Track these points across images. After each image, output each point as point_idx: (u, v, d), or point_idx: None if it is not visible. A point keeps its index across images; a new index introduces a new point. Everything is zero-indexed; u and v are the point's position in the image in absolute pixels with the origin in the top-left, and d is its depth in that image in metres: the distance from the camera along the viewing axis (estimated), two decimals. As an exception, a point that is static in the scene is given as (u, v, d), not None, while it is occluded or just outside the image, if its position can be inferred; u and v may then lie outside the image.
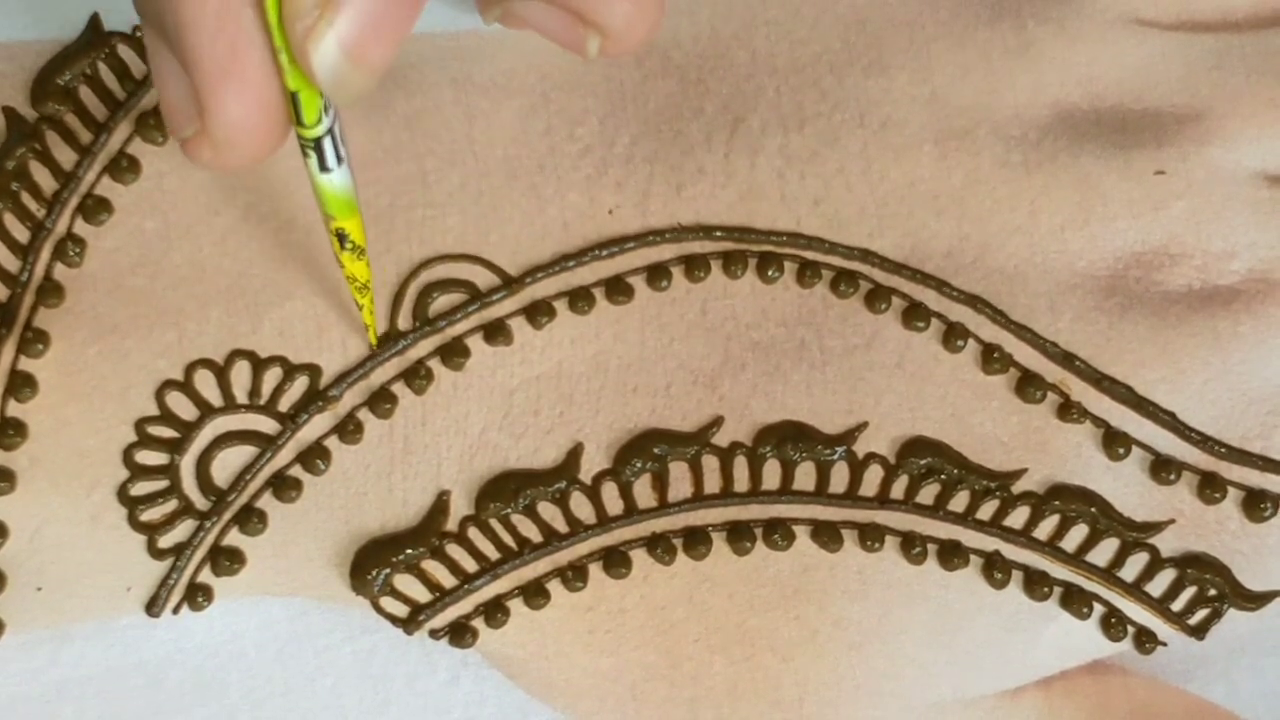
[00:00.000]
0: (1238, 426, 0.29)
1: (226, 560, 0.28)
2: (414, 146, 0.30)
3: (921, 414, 0.29)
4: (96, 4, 0.30)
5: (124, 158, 0.29)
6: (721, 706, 0.28)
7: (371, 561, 0.28)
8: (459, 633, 0.28)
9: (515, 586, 0.28)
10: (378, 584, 0.28)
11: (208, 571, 0.28)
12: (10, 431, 0.28)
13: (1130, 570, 0.28)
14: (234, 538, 0.28)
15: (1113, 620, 0.28)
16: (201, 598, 0.28)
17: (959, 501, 0.28)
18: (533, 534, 0.28)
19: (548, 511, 0.28)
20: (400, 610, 0.28)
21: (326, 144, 0.23)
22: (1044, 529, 0.28)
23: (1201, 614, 0.28)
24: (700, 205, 0.30)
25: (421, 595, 0.28)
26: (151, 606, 0.28)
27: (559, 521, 0.28)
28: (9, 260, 0.29)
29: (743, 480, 0.28)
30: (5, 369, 0.28)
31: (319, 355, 0.29)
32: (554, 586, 0.28)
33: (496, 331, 0.29)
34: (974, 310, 0.29)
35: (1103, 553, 0.28)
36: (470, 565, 0.28)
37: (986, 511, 0.28)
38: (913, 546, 0.28)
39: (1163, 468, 0.28)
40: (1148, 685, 0.29)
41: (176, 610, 0.28)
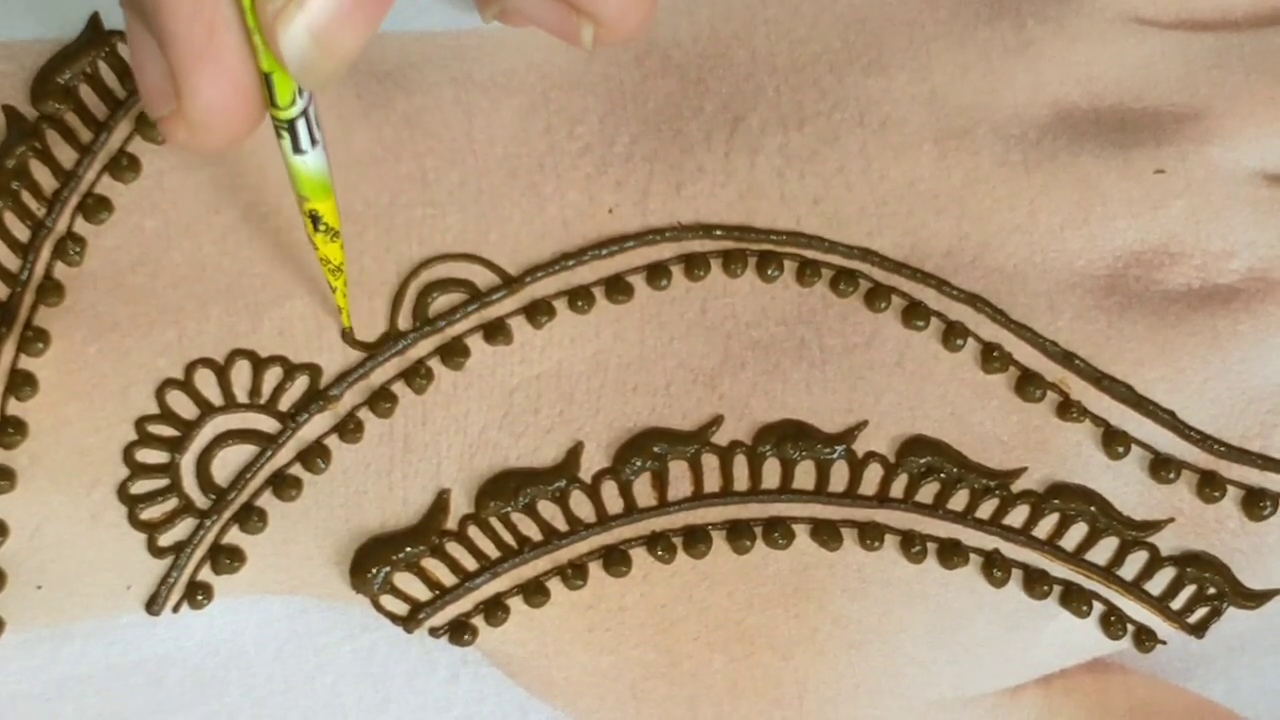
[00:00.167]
0: (1237, 425, 0.29)
1: (226, 559, 0.28)
2: (414, 145, 0.30)
3: (921, 413, 0.29)
4: (96, 3, 0.30)
5: (124, 156, 0.29)
6: (721, 704, 0.28)
7: (371, 560, 0.28)
8: (459, 631, 0.28)
9: (515, 585, 0.28)
10: (378, 582, 0.28)
11: (208, 570, 0.28)
12: (10, 430, 0.28)
13: (1130, 569, 0.28)
14: (234, 536, 0.28)
15: (1112, 619, 0.28)
16: (201, 596, 0.28)
17: (959, 500, 0.28)
18: (533, 532, 0.28)
19: (548, 510, 0.28)
20: (400, 608, 0.28)
21: (300, 126, 0.24)
22: (1043, 528, 0.28)
23: (1201, 612, 0.28)
24: (700, 204, 0.30)
25: (421, 593, 0.28)
26: (152, 605, 0.28)
27: (559, 520, 0.28)
28: (9, 259, 0.29)
29: (742, 479, 0.28)
30: (5, 367, 0.28)
31: (319, 355, 0.29)
32: (554, 585, 0.28)
33: (496, 331, 0.29)
34: (974, 309, 0.29)
35: (1102, 551, 0.28)
36: (470, 563, 0.28)
37: (986, 510, 0.28)
38: (912, 545, 0.28)
39: (1162, 466, 0.28)
40: (1147, 683, 0.29)
41: (177, 608, 0.28)
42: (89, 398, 0.28)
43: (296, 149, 0.24)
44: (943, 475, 0.28)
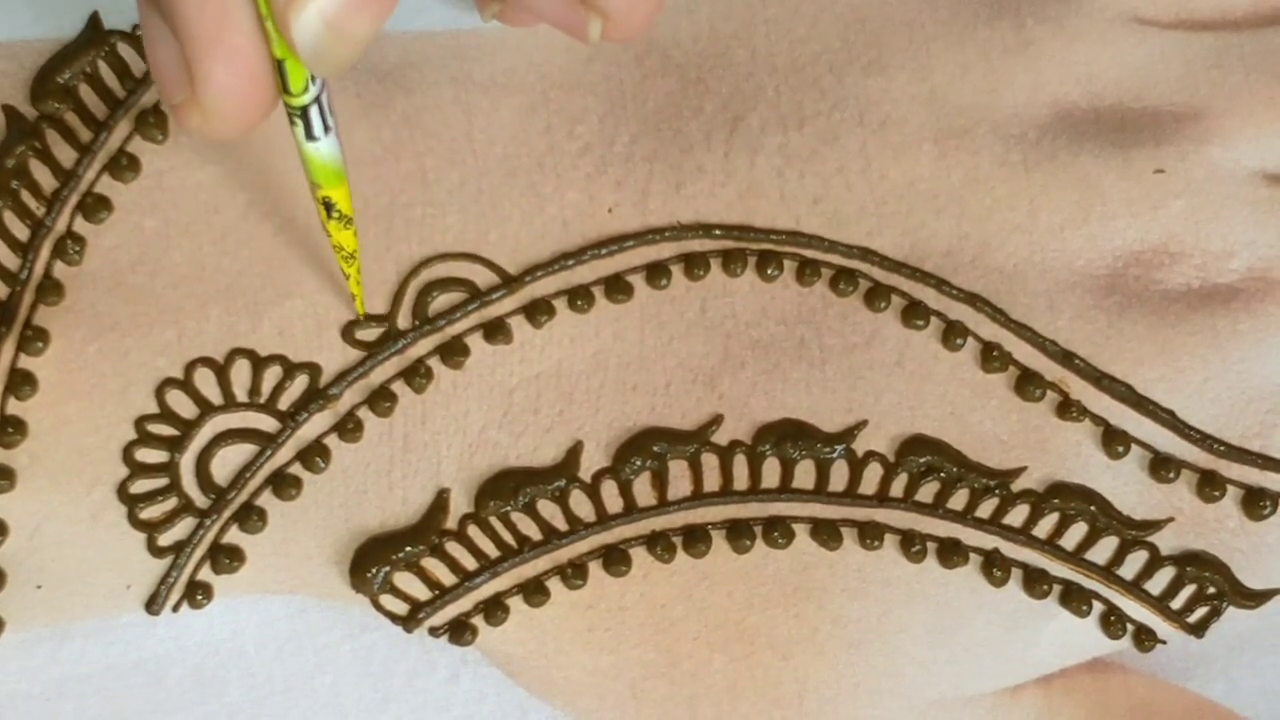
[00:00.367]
0: (1237, 424, 0.29)
1: (226, 558, 0.28)
2: (413, 145, 0.30)
3: (921, 412, 0.29)
4: (96, 2, 0.30)
5: (124, 156, 0.29)
6: (721, 704, 0.28)
7: (371, 559, 0.28)
8: (459, 630, 0.28)
9: (515, 584, 0.28)
10: (377, 582, 0.28)
11: (207, 569, 0.28)
12: (10, 429, 0.28)
13: (1129, 568, 0.28)
14: (234, 535, 0.28)
15: (1112, 618, 0.28)
16: (201, 595, 0.28)
17: (958, 500, 0.28)
18: (532, 532, 0.28)
19: (547, 509, 0.28)
20: (400, 608, 0.28)
21: (313, 112, 0.24)
22: (1043, 527, 0.28)
23: (1201, 612, 0.28)
24: (700, 204, 0.30)
25: (421, 593, 0.28)
26: (151, 604, 0.28)
27: (559, 519, 0.28)
28: (9, 258, 0.29)
29: (742, 478, 0.28)
30: (5, 367, 0.28)
31: (319, 354, 0.29)
32: (554, 584, 0.28)
33: (496, 330, 0.29)
34: (973, 309, 0.29)
35: (1102, 551, 0.28)
36: (470, 563, 0.28)
37: (986, 509, 0.28)
38: (912, 544, 0.28)
39: (1162, 466, 0.28)
40: (1147, 683, 0.29)
41: (176, 608, 0.28)
42: (89, 397, 0.28)
43: (310, 136, 0.24)
44: (942, 475, 0.28)
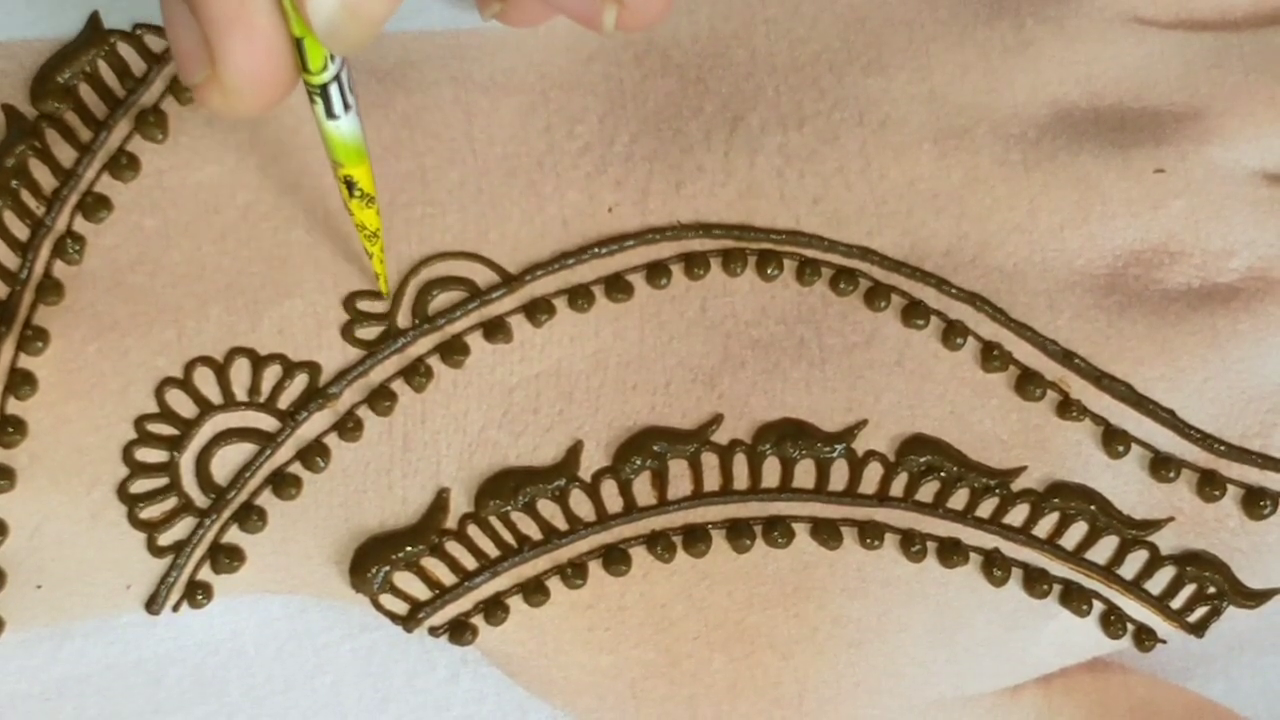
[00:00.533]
0: (1237, 424, 0.29)
1: (226, 558, 0.28)
2: (413, 144, 0.30)
3: (921, 411, 0.29)
4: (96, 2, 0.30)
5: (124, 155, 0.29)
6: (721, 704, 0.28)
7: (371, 559, 0.28)
8: (458, 630, 0.28)
9: (515, 584, 0.28)
10: (377, 581, 0.28)
11: (207, 569, 0.28)
12: (10, 429, 0.28)
13: (1130, 568, 0.28)
14: (234, 535, 0.28)
15: (1112, 618, 0.28)
16: (201, 595, 0.28)
17: (958, 499, 0.28)
18: (532, 531, 0.28)
19: (547, 509, 0.28)
20: (400, 608, 0.28)
21: (333, 90, 0.24)
22: (1043, 527, 0.28)
23: (1201, 611, 0.28)
24: (700, 203, 0.30)
25: (421, 593, 0.28)
26: (151, 604, 0.28)
27: (559, 519, 0.28)
28: (9, 258, 0.29)
29: (742, 478, 0.28)
30: (5, 366, 0.28)
31: (318, 353, 0.29)
32: (553, 584, 0.28)
33: (496, 329, 0.29)
34: (973, 308, 0.29)
35: (1102, 550, 0.28)
36: (470, 563, 0.28)
37: (986, 509, 0.28)
38: (912, 544, 0.28)
39: (1162, 465, 0.28)
40: (1147, 683, 0.29)
41: (176, 608, 0.28)
42: (88, 397, 0.28)
43: (330, 114, 0.24)
44: (942, 474, 0.28)
